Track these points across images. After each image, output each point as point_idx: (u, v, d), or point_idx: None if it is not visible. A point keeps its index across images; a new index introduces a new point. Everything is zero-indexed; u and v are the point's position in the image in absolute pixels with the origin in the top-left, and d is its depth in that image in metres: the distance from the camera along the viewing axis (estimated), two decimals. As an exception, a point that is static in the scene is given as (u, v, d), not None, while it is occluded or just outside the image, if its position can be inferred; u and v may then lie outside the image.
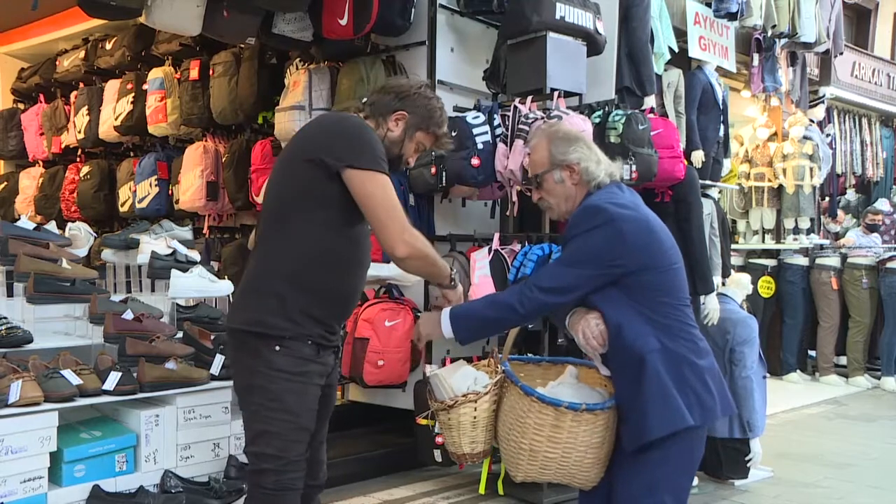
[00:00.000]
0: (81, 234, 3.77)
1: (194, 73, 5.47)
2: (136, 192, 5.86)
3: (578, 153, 2.28)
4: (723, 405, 2.23)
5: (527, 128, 3.85)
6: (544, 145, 2.32)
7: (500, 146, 3.97)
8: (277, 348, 2.18)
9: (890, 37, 11.29)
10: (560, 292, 2.18)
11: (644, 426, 2.13)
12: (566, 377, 2.34)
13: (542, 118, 3.82)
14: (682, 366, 2.16)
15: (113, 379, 2.87)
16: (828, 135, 8.36)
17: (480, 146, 3.95)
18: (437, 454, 3.97)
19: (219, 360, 3.17)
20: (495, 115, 4.05)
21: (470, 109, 4.16)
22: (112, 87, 6.01)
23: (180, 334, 3.34)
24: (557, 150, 2.29)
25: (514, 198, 4.05)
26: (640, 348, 2.14)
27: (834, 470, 4.62)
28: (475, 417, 2.25)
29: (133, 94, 5.82)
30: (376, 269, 2.10)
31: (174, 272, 3.43)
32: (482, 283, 3.90)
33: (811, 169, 7.65)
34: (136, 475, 2.93)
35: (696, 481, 4.25)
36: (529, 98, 3.99)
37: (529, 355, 2.74)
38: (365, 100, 2.50)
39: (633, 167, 3.84)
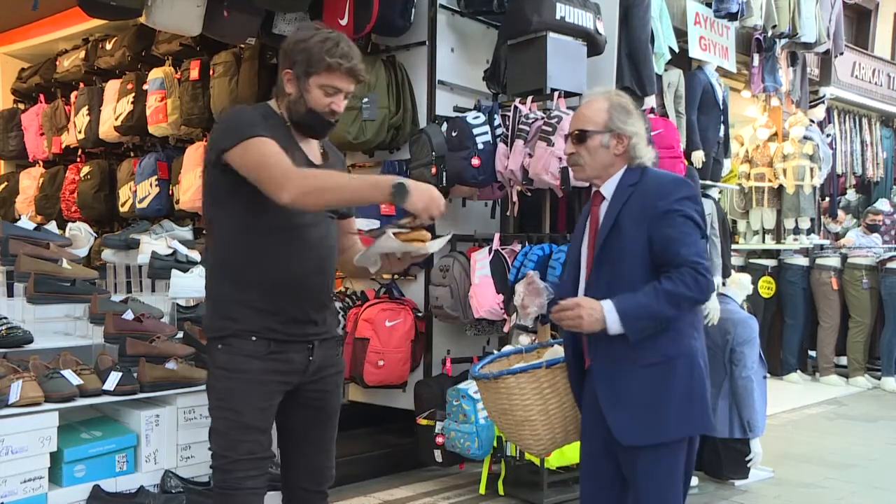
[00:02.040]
0: (82, 235, 3.77)
1: (195, 74, 5.47)
2: (136, 192, 5.85)
3: (635, 127, 2.26)
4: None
5: (527, 128, 3.85)
6: (604, 106, 2.26)
7: (501, 146, 3.98)
8: (220, 346, 2.18)
9: (890, 37, 11.29)
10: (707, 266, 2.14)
11: (665, 426, 2.16)
12: (547, 355, 2.52)
13: (543, 118, 3.82)
14: (702, 368, 2.21)
15: (113, 379, 2.87)
16: (828, 135, 8.36)
17: (481, 146, 3.95)
18: (438, 454, 3.97)
19: (219, 360, 3.17)
20: (495, 116, 4.05)
21: (470, 109, 4.16)
22: (112, 87, 6.01)
23: (181, 334, 3.34)
24: (617, 117, 2.25)
25: (515, 198, 4.05)
26: (677, 349, 2.17)
27: (834, 470, 4.62)
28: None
29: (133, 95, 5.81)
30: (382, 243, 2.11)
31: (174, 272, 3.43)
32: (483, 283, 3.90)
33: (811, 169, 7.64)
34: (137, 475, 2.93)
35: (696, 481, 4.25)
36: (530, 98, 4.00)
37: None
38: None
39: (634, 167, 3.83)
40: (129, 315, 3.16)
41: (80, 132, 6.22)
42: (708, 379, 2.24)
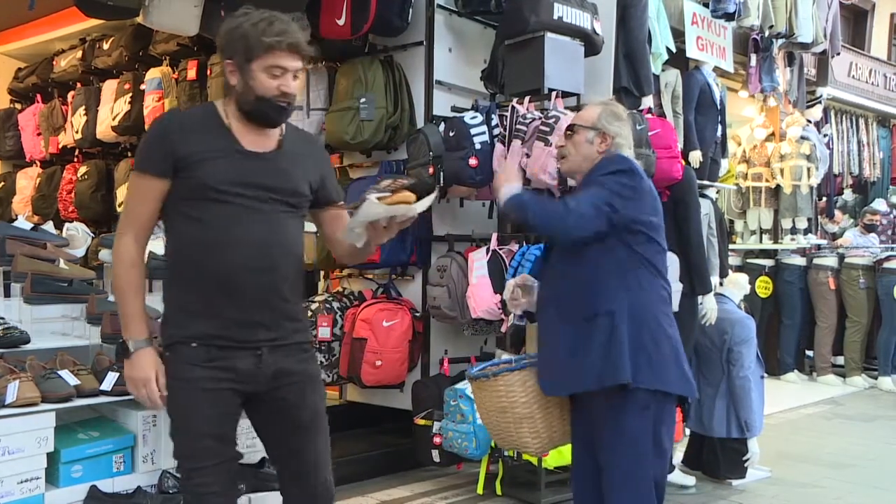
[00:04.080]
0: (79, 235, 3.77)
1: (192, 74, 5.46)
2: (133, 192, 5.84)
3: (619, 130, 2.49)
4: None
5: (524, 128, 3.85)
6: (598, 109, 2.52)
7: (498, 146, 3.98)
8: (167, 354, 2.14)
9: (886, 37, 11.32)
10: (594, 218, 2.31)
11: (582, 377, 2.34)
12: None
13: (540, 118, 3.82)
14: (644, 329, 2.34)
15: (111, 379, 2.86)
16: (825, 135, 8.37)
17: (478, 146, 3.95)
18: (436, 454, 3.98)
19: (217, 360, 3.17)
20: (493, 116, 4.05)
21: (468, 110, 4.16)
22: (109, 87, 6.00)
23: (178, 335, 3.33)
24: (606, 118, 2.48)
25: (512, 198, 4.05)
26: (601, 306, 2.34)
27: (832, 470, 4.62)
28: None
29: (131, 95, 5.80)
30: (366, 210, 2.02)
31: (172, 272, 3.42)
32: (480, 283, 3.90)
33: (808, 169, 7.65)
34: (134, 475, 2.93)
35: (693, 481, 4.26)
36: (527, 98, 4.00)
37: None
38: None
39: (631, 167, 3.84)
40: (126, 315, 3.15)
41: (77, 132, 6.21)
42: (646, 334, 2.33)
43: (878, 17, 11.04)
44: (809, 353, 7.87)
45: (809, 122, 7.84)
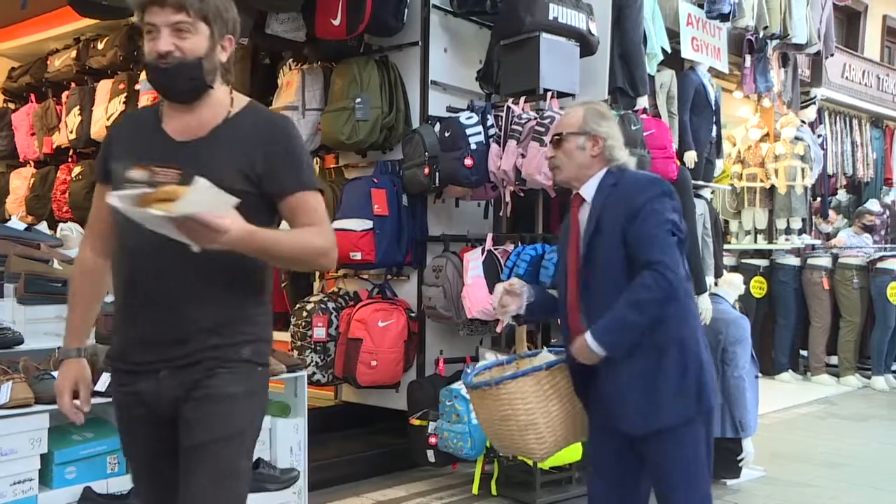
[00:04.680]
0: (73, 235, 3.75)
1: (186, 73, 5.45)
2: (128, 192, 5.83)
3: (608, 130, 2.35)
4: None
5: (520, 128, 3.86)
6: (580, 112, 2.38)
7: (494, 147, 3.98)
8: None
9: (879, 39, 11.36)
10: (676, 255, 2.20)
11: (662, 412, 2.23)
12: (538, 360, 2.49)
13: (535, 119, 3.83)
14: (696, 353, 2.27)
15: (105, 380, 2.85)
16: (819, 135, 8.40)
17: (474, 147, 3.96)
18: (431, 454, 3.97)
19: (212, 360, 3.17)
20: (489, 116, 4.05)
21: (463, 110, 4.16)
22: (104, 87, 5.98)
23: (173, 335, 3.32)
24: (591, 119, 2.35)
25: (508, 198, 4.06)
26: (670, 338, 2.23)
27: (826, 469, 4.64)
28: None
29: (125, 95, 5.78)
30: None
31: (167, 273, 3.42)
32: (475, 283, 3.90)
33: (803, 169, 7.68)
34: (128, 477, 2.92)
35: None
36: (522, 98, 4.00)
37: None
38: None
39: (626, 168, 3.84)
40: (120, 316, 3.14)
41: (71, 132, 6.19)
42: (710, 364, 2.29)
43: (870, 19, 11.08)
44: (804, 352, 7.89)
45: (804, 122, 7.87)
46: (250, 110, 1.91)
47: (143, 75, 5.71)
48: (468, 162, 3.93)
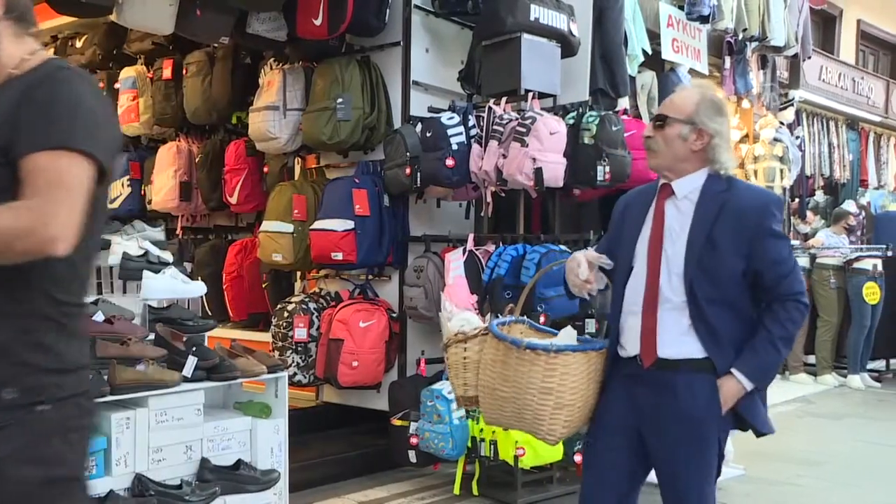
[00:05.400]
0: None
1: (167, 73, 5.42)
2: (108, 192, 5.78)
3: (719, 127, 2.17)
4: None
5: (501, 129, 3.87)
6: (695, 98, 2.19)
7: (475, 147, 3.99)
8: None
9: (854, 43, 11.51)
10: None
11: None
12: (564, 336, 2.30)
13: (517, 119, 3.84)
14: None
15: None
16: (797, 137, 8.48)
17: (455, 147, 3.96)
18: (412, 455, 3.97)
19: (191, 361, 3.14)
20: (470, 116, 4.06)
21: (445, 110, 4.16)
22: (82, 85, 5.92)
23: (152, 336, 3.30)
24: (704, 112, 2.16)
25: (489, 198, 4.07)
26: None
27: (804, 467, 4.69)
28: (465, 359, 2.27)
29: (105, 93, 5.74)
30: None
31: (146, 273, 3.39)
32: (457, 283, 3.90)
33: (781, 170, 7.74)
34: (107, 479, 2.89)
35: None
36: (504, 99, 4.01)
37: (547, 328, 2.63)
38: None
39: (607, 168, 3.87)
40: (99, 317, 3.12)
41: (49, 131, 6.13)
42: None
43: (845, 23, 11.23)
44: (782, 351, 7.95)
45: (782, 124, 7.94)
46: (40, 69, 1.49)
47: (122, 73, 5.67)
48: (449, 162, 3.94)
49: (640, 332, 2.17)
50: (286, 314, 4.36)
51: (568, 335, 2.27)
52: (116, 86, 5.68)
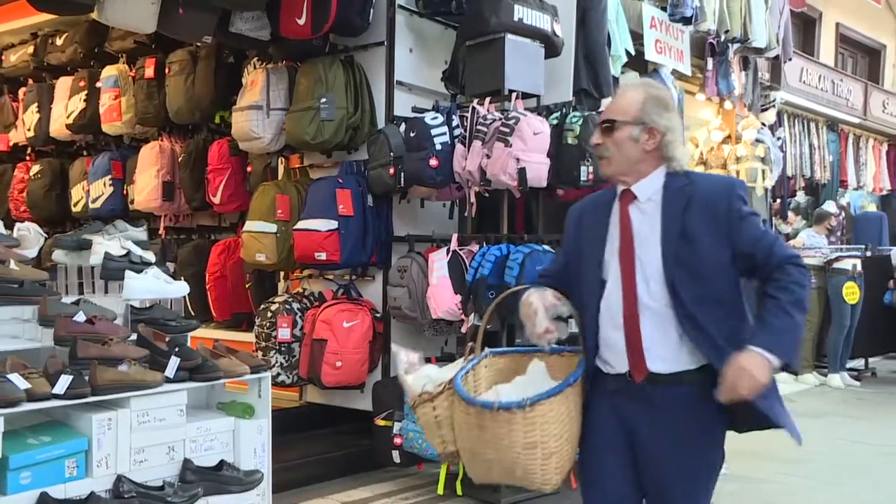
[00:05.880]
0: (31, 235, 3.68)
1: (150, 72, 5.39)
2: (89, 191, 5.74)
3: (669, 122, 2.08)
4: None
5: (485, 129, 3.87)
6: (640, 97, 2.09)
7: (459, 147, 3.99)
8: None
9: (833, 46, 11.65)
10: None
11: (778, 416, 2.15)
12: (531, 371, 2.15)
13: (500, 119, 3.85)
14: None
15: (63, 382, 2.80)
16: (778, 138, 8.56)
17: (439, 147, 3.96)
18: (396, 455, 3.97)
19: (174, 362, 3.13)
20: (454, 116, 4.06)
21: (428, 110, 4.16)
22: (64, 84, 5.88)
23: (134, 336, 3.28)
24: (652, 109, 2.07)
25: (473, 199, 4.07)
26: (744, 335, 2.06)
27: (786, 466, 4.73)
28: (437, 417, 2.12)
29: (86, 92, 5.70)
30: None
31: (128, 273, 3.37)
32: (441, 283, 3.91)
33: (763, 171, 7.81)
34: (88, 481, 2.87)
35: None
36: (488, 99, 4.02)
37: (513, 348, 2.54)
38: None
39: (590, 169, 3.88)
40: (80, 317, 3.09)
41: (29, 130, 6.08)
42: None
43: (824, 26, 11.36)
44: (764, 351, 8.01)
45: (764, 125, 8.00)
46: None
47: (104, 72, 5.63)
48: (433, 162, 3.94)
49: (625, 348, 2.05)
50: (269, 314, 4.35)
51: (536, 367, 2.15)
52: (98, 84, 5.63)
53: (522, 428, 1.95)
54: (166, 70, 5.30)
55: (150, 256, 3.59)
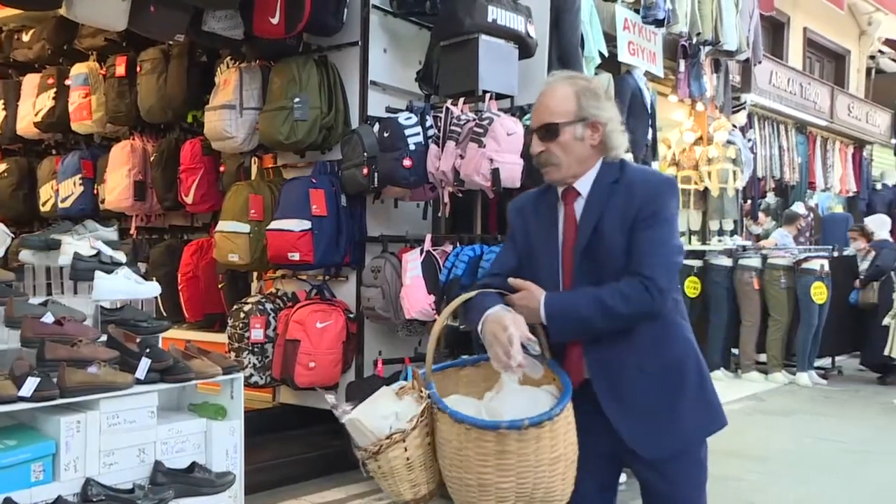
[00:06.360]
0: (-2, 235, 3.62)
1: (121, 70, 5.33)
2: (58, 191, 5.67)
3: (607, 112, 1.98)
4: None
5: (458, 129, 3.88)
6: (570, 93, 1.96)
7: (433, 147, 3.99)
8: None
9: (801, 50, 11.84)
10: (673, 281, 1.94)
11: (686, 433, 2.04)
12: (505, 382, 1.98)
13: (474, 120, 3.86)
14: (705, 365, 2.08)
15: (30, 385, 2.76)
16: (749, 140, 8.69)
17: (413, 147, 3.96)
18: (370, 455, 3.96)
19: (144, 363, 3.10)
20: (427, 117, 4.07)
21: (402, 110, 4.16)
22: (31, 81, 5.79)
23: (104, 338, 3.24)
24: (588, 103, 1.95)
25: (446, 199, 4.08)
26: (684, 348, 2.01)
27: (754, 463, 4.79)
28: (408, 459, 1.91)
29: (55, 90, 5.62)
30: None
31: (98, 273, 3.33)
32: (414, 284, 3.91)
33: (734, 172, 7.93)
34: (55, 485, 2.83)
35: (624, 478, 4.34)
36: (461, 100, 4.03)
37: (464, 357, 2.36)
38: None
39: (563, 170, 3.90)
40: (48, 318, 3.05)
41: (-5, 127, 5.98)
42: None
43: (793, 31, 11.54)
44: (735, 350, 8.13)
45: (735, 126, 8.12)
46: None
47: (74, 69, 5.55)
48: (407, 162, 3.94)
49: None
50: (242, 315, 4.32)
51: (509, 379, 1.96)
52: (67, 82, 5.56)
53: (550, 441, 1.82)
54: (138, 68, 5.25)
55: (120, 256, 3.56)
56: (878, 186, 12.14)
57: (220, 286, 5.20)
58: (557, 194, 2.07)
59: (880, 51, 13.28)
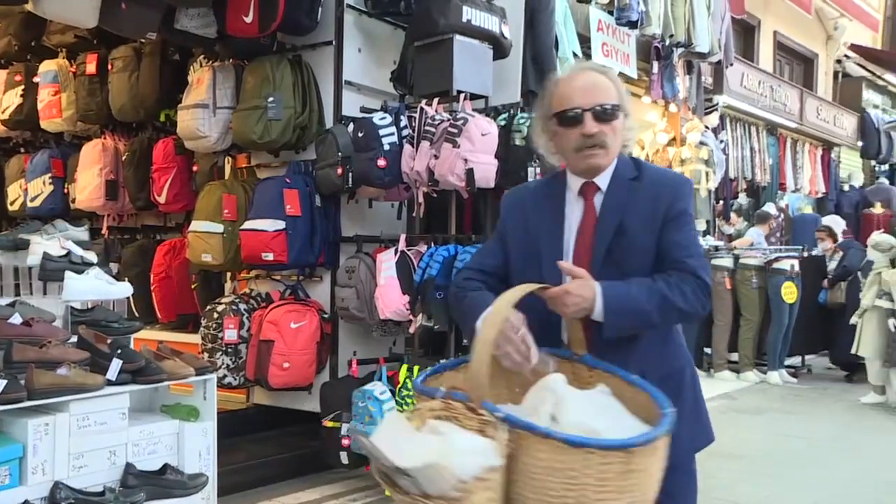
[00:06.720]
0: (-35, 235, 3.56)
1: (91, 68, 5.26)
2: (27, 190, 5.59)
3: (630, 106, 1.94)
4: None
5: (433, 129, 3.89)
6: (610, 81, 1.90)
7: (407, 147, 4.00)
8: None
9: (771, 53, 12.00)
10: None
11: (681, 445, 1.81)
12: (554, 388, 1.71)
13: (449, 120, 3.86)
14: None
15: (-1, 386, 2.72)
16: (721, 141, 8.78)
17: (387, 147, 3.96)
18: (344, 456, 3.96)
19: (116, 364, 3.06)
20: (402, 117, 4.07)
21: (377, 110, 4.16)
22: (-2, 77, 5.71)
23: (75, 339, 3.20)
24: (623, 95, 1.90)
25: (421, 199, 4.08)
26: (683, 357, 1.97)
27: (725, 461, 4.85)
28: (492, 500, 1.53)
29: (23, 87, 5.54)
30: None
31: (68, 274, 3.29)
32: (388, 284, 3.91)
33: (707, 173, 8.01)
34: (22, 489, 2.78)
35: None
36: (436, 100, 4.03)
37: (443, 361, 2.21)
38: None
39: (538, 170, 3.92)
40: (16, 319, 3.01)
41: (-39, 125, 5.88)
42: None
43: (763, 34, 11.70)
44: (708, 350, 8.22)
45: (707, 128, 8.21)
46: None
47: (42, 66, 5.47)
48: (381, 162, 3.94)
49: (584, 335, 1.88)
50: (216, 315, 4.29)
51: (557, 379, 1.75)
52: (35, 79, 5.48)
53: (665, 451, 1.64)
54: (109, 66, 5.19)
55: (91, 257, 3.51)
56: (846, 188, 12.35)
57: (193, 286, 5.16)
58: (564, 187, 1.96)
59: (846, 55, 13.50)
